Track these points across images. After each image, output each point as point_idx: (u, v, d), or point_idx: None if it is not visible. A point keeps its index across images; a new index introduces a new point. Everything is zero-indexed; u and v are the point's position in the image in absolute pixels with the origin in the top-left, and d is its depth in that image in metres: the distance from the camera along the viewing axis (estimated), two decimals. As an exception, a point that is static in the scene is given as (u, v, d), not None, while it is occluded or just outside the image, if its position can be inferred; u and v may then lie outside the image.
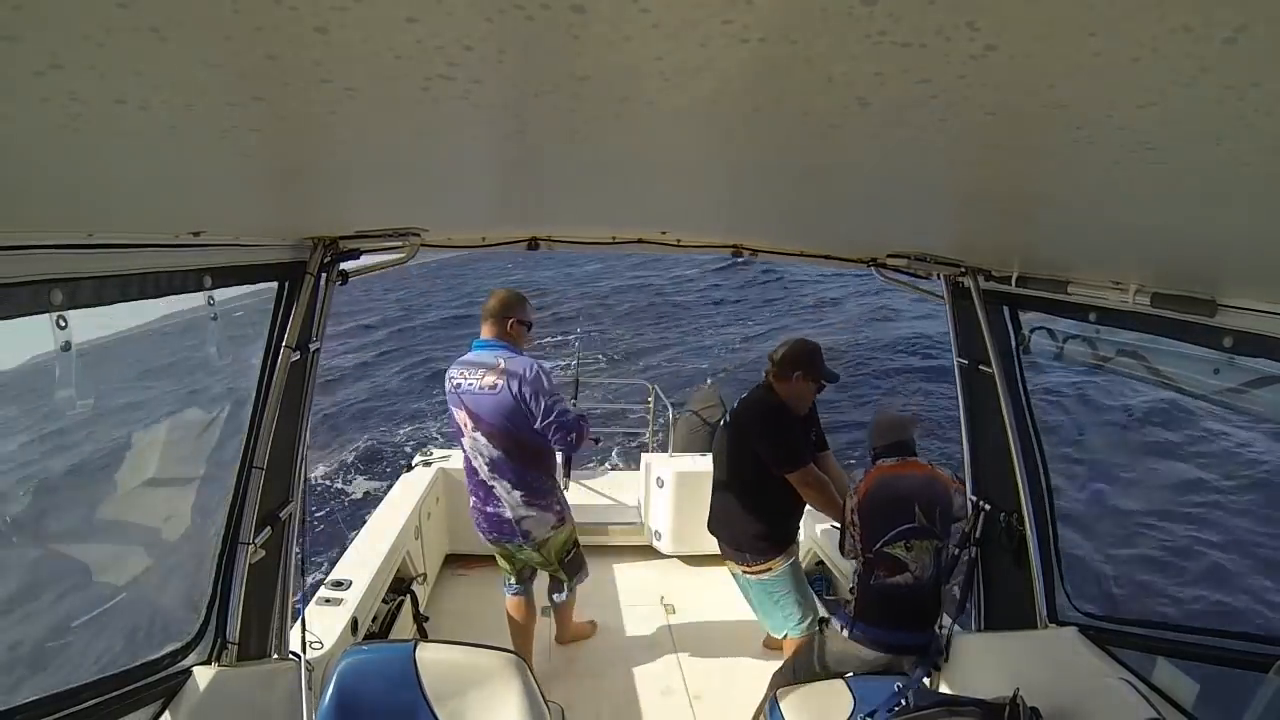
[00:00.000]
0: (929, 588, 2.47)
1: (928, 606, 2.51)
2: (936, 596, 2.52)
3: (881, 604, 2.52)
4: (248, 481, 2.01)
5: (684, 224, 2.35)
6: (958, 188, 1.08)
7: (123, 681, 1.68)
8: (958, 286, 2.56)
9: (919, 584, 2.46)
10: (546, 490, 3.01)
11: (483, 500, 2.98)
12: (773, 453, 2.78)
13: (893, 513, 2.50)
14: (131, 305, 1.44)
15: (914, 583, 2.46)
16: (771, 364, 2.92)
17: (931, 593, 2.49)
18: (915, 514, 2.46)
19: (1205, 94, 0.48)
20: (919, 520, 2.45)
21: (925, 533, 2.45)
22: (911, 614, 2.50)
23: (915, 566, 2.45)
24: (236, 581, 1.97)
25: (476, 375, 2.80)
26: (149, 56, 0.48)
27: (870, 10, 0.40)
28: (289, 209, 1.56)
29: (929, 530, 2.45)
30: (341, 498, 8.11)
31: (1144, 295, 1.65)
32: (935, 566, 2.47)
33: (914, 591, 2.46)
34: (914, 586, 2.46)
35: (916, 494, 2.48)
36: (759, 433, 2.82)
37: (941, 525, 2.48)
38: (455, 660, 1.92)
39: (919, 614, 2.50)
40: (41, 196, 0.99)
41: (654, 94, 0.60)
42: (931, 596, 2.49)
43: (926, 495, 2.48)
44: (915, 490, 2.50)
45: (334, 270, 2.17)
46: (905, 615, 2.50)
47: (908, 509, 2.47)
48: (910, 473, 2.55)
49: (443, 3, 0.41)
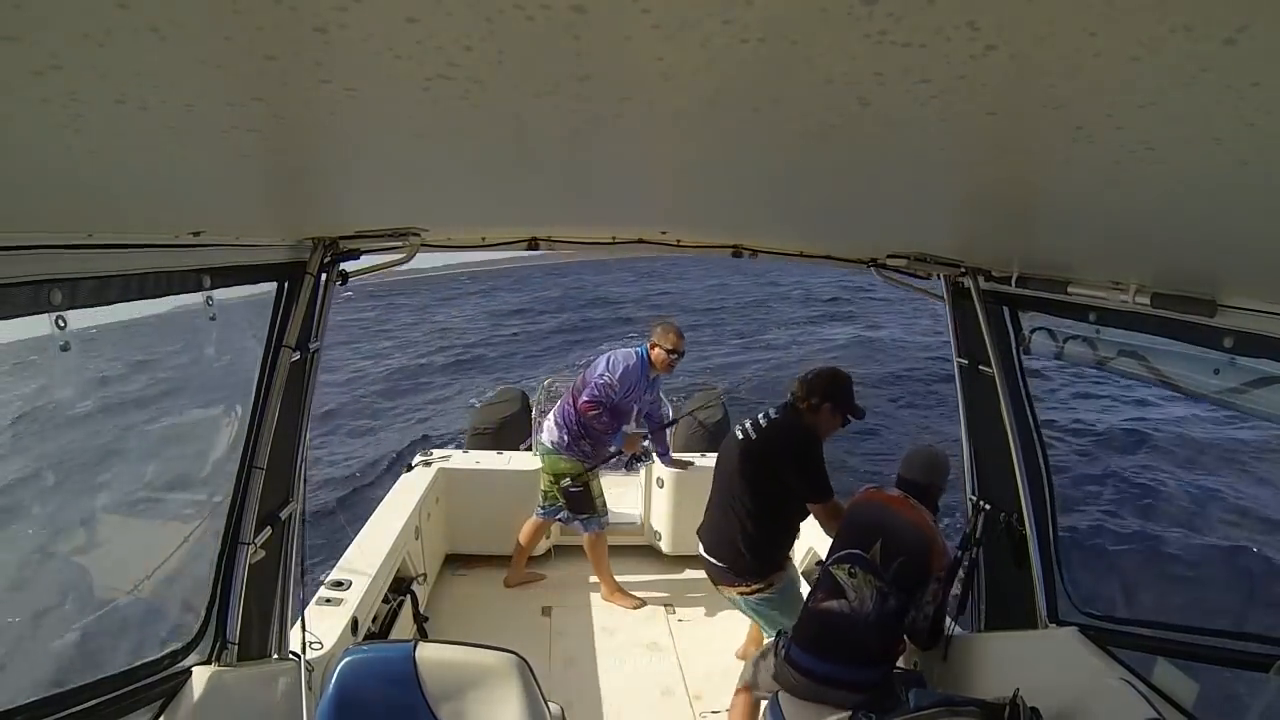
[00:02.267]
0: (866, 625, 2.34)
1: (867, 645, 2.35)
2: (882, 640, 2.37)
3: (815, 628, 2.42)
4: (248, 481, 2.01)
5: (684, 224, 2.35)
6: (958, 188, 1.08)
7: (123, 681, 1.68)
8: (957, 287, 2.56)
9: (854, 616, 2.34)
10: (576, 436, 3.93)
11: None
12: (807, 483, 2.75)
13: (855, 535, 2.45)
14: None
15: (849, 612, 2.35)
16: (801, 391, 2.83)
17: (872, 632, 2.34)
18: (874, 548, 2.38)
19: (1205, 94, 0.48)
20: (873, 555, 2.37)
21: (871, 569, 2.36)
22: (845, 647, 2.35)
23: (853, 597, 2.36)
24: (237, 581, 1.97)
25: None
26: (149, 56, 0.48)
27: (870, 10, 0.40)
28: (289, 209, 1.56)
29: (876, 569, 2.35)
30: (341, 498, 8.10)
31: (1144, 295, 1.65)
32: (877, 609, 2.33)
33: (848, 622, 2.34)
34: (848, 617, 2.35)
35: (888, 532, 2.39)
36: (794, 462, 2.76)
37: (893, 575, 2.35)
38: (455, 660, 1.92)
39: (853, 648, 2.35)
40: (41, 196, 0.99)
41: (654, 94, 0.60)
42: (873, 636, 2.35)
43: (898, 541, 2.37)
44: (890, 529, 2.40)
45: (334, 270, 2.17)
46: (838, 647, 2.35)
47: (870, 539, 2.40)
48: (898, 511, 2.44)
49: (443, 3, 0.41)
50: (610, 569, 4.13)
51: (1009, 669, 2.22)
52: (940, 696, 2.07)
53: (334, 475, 8.87)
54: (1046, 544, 2.33)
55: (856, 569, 2.39)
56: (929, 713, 1.89)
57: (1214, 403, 1.84)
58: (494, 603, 4.05)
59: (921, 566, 2.38)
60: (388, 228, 2.05)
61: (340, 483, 8.65)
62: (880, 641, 2.36)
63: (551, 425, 3.96)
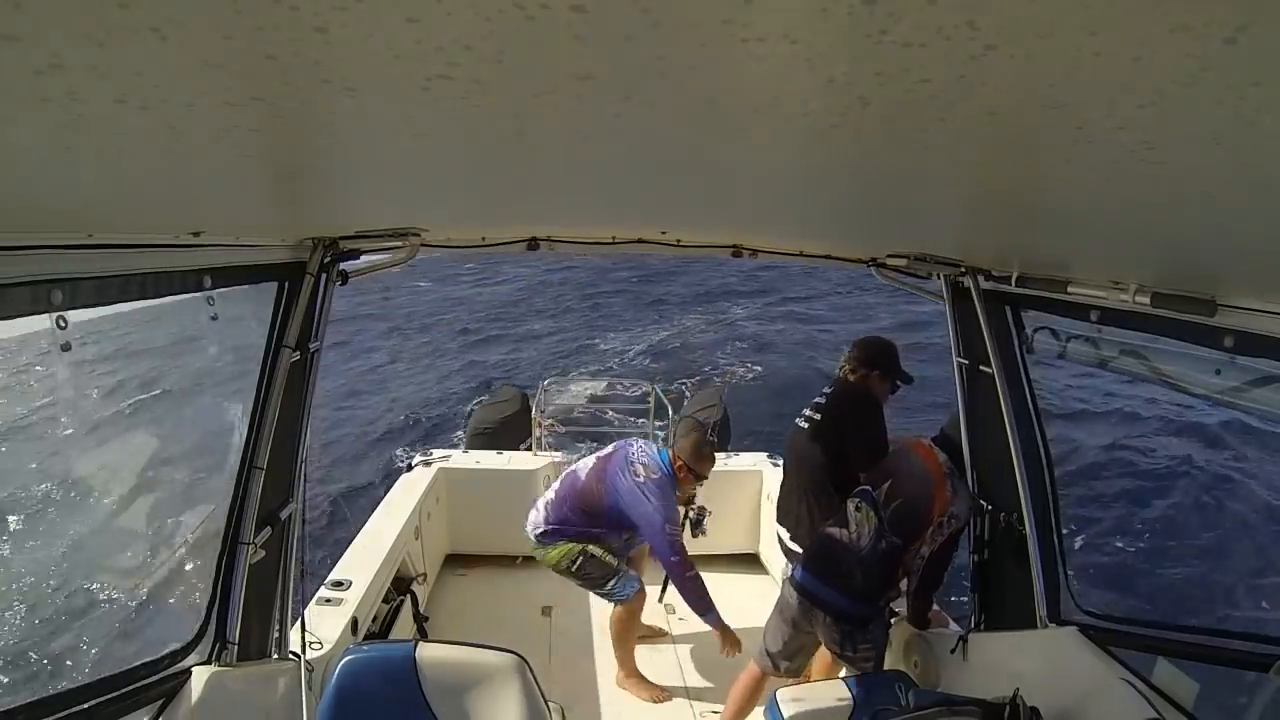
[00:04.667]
0: (858, 559, 2.42)
1: (855, 578, 2.43)
2: (868, 578, 2.43)
3: (817, 551, 2.56)
4: (248, 481, 2.01)
5: (684, 224, 2.35)
6: (958, 187, 1.08)
7: (123, 681, 1.68)
8: (958, 286, 2.56)
9: (850, 548, 2.44)
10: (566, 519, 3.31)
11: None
12: (863, 443, 2.72)
13: (877, 474, 2.53)
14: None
15: (847, 543, 2.45)
16: (849, 364, 2.87)
17: (863, 567, 2.42)
18: (882, 487, 2.46)
19: (1205, 94, 0.48)
20: (880, 494, 2.45)
21: (875, 506, 2.45)
22: (838, 575, 2.47)
23: (854, 529, 2.46)
24: (237, 581, 1.98)
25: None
26: (149, 56, 0.48)
27: (870, 10, 0.40)
28: (289, 209, 1.56)
29: (879, 508, 2.44)
30: (342, 498, 8.10)
31: (1144, 295, 1.65)
32: (871, 545, 2.41)
33: (844, 552, 2.45)
34: (846, 547, 2.44)
35: (900, 475, 2.47)
36: (858, 425, 2.74)
37: (891, 515, 2.42)
38: (455, 660, 1.92)
39: (844, 578, 2.45)
40: (42, 196, 0.99)
41: (654, 94, 0.60)
42: (861, 571, 2.43)
43: (905, 483, 2.45)
44: (903, 472, 2.48)
45: (334, 270, 2.17)
46: (831, 573, 2.48)
47: (884, 478, 2.48)
48: (917, 457, 2.51)
49: (443, 3, 0.41)
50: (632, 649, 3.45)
51: (1009, 669, 2.22)
52: (940, 696, 2.07)
53: (335, 475, 8.87)
54: (1047, 544, 2.33)
55: (864, 504, 2.47)
56: (929, 713, 1.89)
57: (1216, 402, 1.84)
58: (494, 603, 4.04)
59: (919, 510, 2.41)
60: (388, 228, 2.05)
61: (341, 482, 8.65)
62: (866, 579, 2.43)
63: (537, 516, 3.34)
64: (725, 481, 4.32)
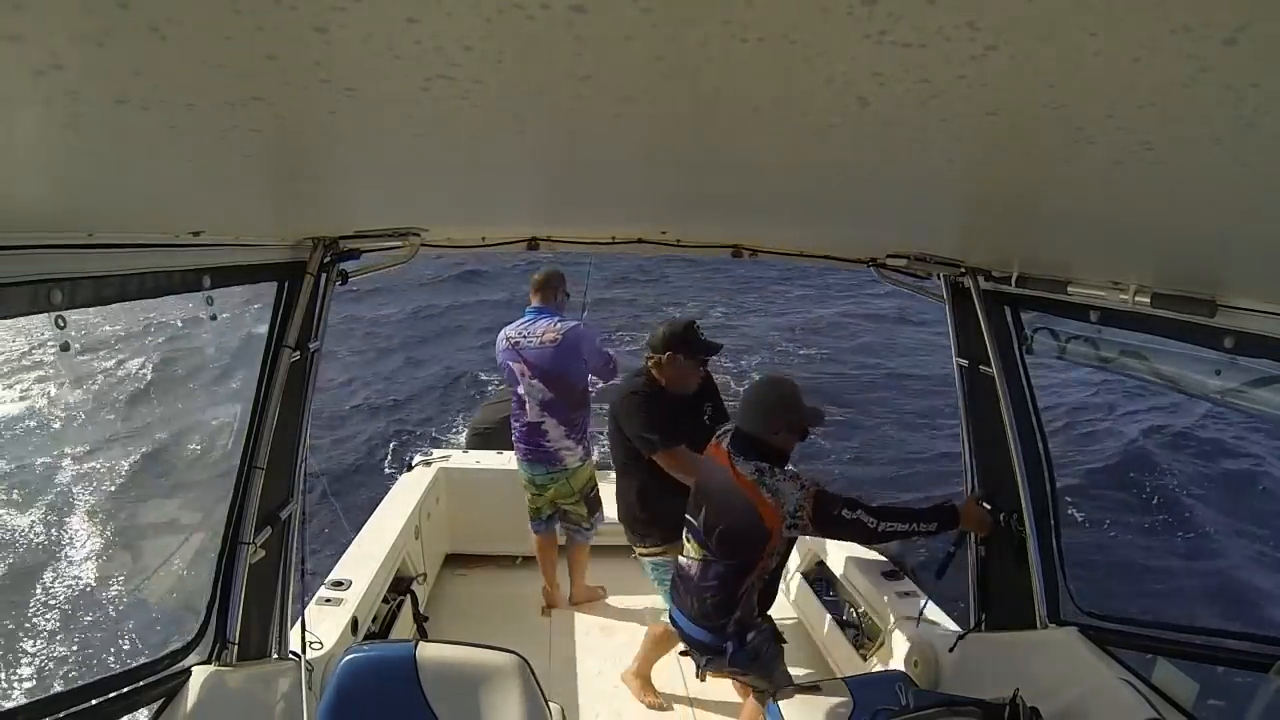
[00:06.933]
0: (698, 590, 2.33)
1: (696, 607, 2.36)
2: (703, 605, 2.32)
3: (675, 579, 2.51)
4: (248, 481, 2.01)
5: (684, 224, 2.35)
6: (958, 188, 1.08)
7: (123, 681, 1.68)
8: (957, 287, 2.56)
9: (689, 578, 2.36)
10: (583, 430, 3.65)
11: (528, 435, 3.60)
12: (636, 436, 2.79)
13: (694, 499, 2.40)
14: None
15: (685, 572, 2.39)
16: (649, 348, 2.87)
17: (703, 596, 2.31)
18: (700, 515, 2.32)
19: (1205, 94, 0.48)
20: (701, 523, 2.31)
21: (698, 537, 2.34)
22: (687, 601, 2.40)
23: (688, 563, 2.40)
24: (236, 581, 1.98)
25: (536, 333, 3.48)
26: (149, 56, 0.48)
27: (870, 10, 0.40)
28: (289, 209, 1.56)
29: (701, 538, 2.31)
30: (342, 498, 8.10)
31: (1144, 295, 1.65)
32: (700, 576, 2.32)
33: (687, 581, 2.38)
34: (687, 577, 2.38)
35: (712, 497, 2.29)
36: (625, 418, 2.83)
37: (715, 543, 2.26)
38: (455, 660, 1.92)
39: (692, 606, 2.38)
40: (42, 196, 0.99)
41: (654, 94, 0.60)
42: (702, 600, 2.32)
43: (719, 507, 2.26)
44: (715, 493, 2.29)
45: (334, 270, 2.17)
46: (682, 598, 2.44)
47: (700, 504, 2.34)
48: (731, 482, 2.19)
49: (443, 3, 0.41)
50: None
51: (1009, 669, 2.22)
52: (940, 696, 2.07)
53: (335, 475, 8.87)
54: (1047, 544, 2.33)
55: (691, 537, 2.39)
56: (929, 713, 1.89)
57: (1216, 403, 1.84)
58: (494, 603, 4.04)
59: (746, 530, 2.20)
60: (388, 228, 2.05)
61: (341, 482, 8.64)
62: (701, 606, 2.35)
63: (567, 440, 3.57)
64: None
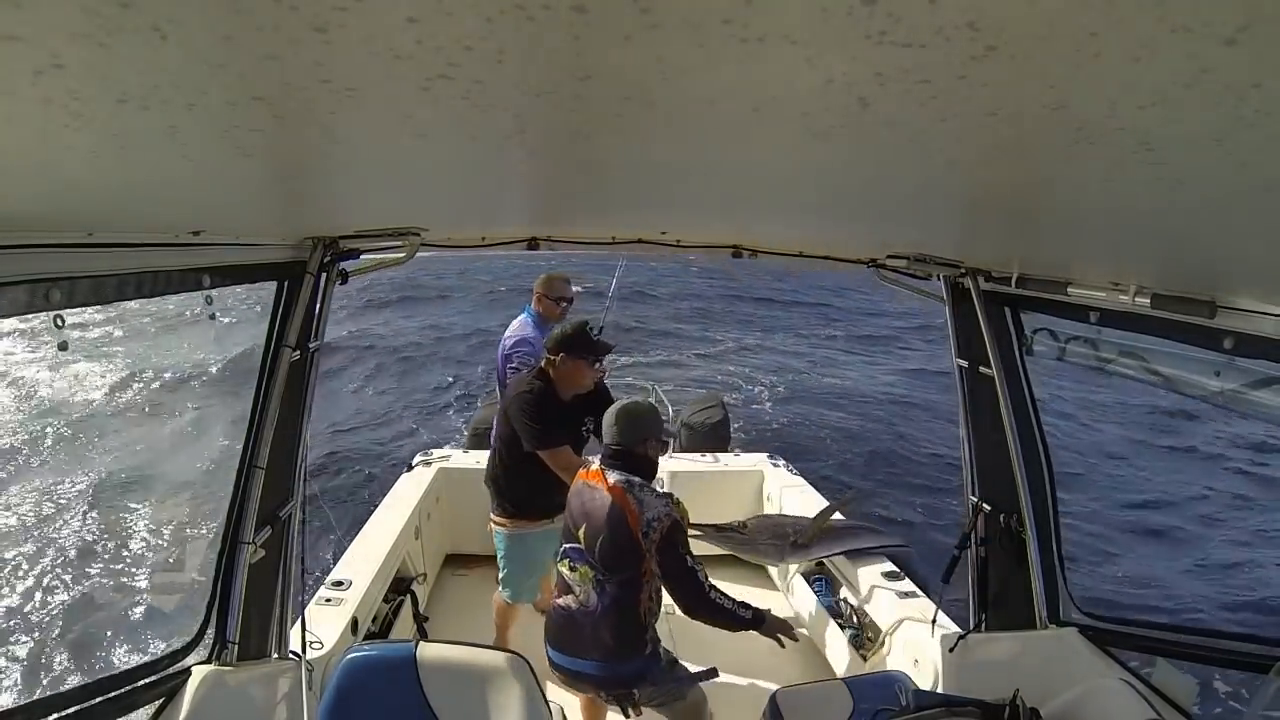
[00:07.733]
0: (597, 620, 2.25)
1: (610, 639, 2.26)
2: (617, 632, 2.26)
3: (556, 627, 2.37)
4: (248, 481, 2.01)
5: (684, 224, 2.35)
6: (958, 188, 1.08)
7: (123, 681, 1.68)
8: (957, 287, 2.56)
9: (585, 612, 2.27)
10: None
11: None
12: (524, 432, 2.89)
13: (570, 524, 2.37)
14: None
15: (578, 609, 2.28)
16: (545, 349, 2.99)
17: (609, 623, 2.25)
18: (579, 534, 2.29)
19: (1205, 94, 0.48)
20: (583, 544, 2.28)
21: (584, 559, 2.28)
22: (589, 643, 2.28)
23: (579, 591, 2.29)
24: (237, 581, 1.98)
25: (508, 344, 3.54)
26: (150, 56, 0.48)
27: (870, 10, 0.40)
28: (289, 209, 1.56)
29: (588, 559, 2.27)
30: (342, 498, 8.10)
31: (1144, 296, 1.65)
32: (599, 602, 2.25)
33: (586, 619, 2.27)
34: (581, 614, 2.28)
35: (589, 514, 2.28)
36: (514, 414, 2.93)
37: (599, 559, 2.23)
38: (455, 660, 1.92)
39: (598, 644, 2.27)
40: (41, 195, 0.99)
41: (654, 94, 0.60)
42: (611, 628, 2.25)
43: (597, 520, 2.25)
44: (590, 510, 2.28)
45: (334, 270, 2.17)
46: (580, 644, 2.30)
47: (577, 526, 2.32)
48: (601, 493, 2.26)
49: (443, 3, 0.41)
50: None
51: (1009, 669, 2.22)
52: (940, 697, 2.07)
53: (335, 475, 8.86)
54: (1047, 545, 2.33)
55: (575, 563, 2.33)
56: (929, 713, 1.89)
57: (1216, 404, 1.84)
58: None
59: (622, 537, 2.22)
60: (388, 227, 2.05)
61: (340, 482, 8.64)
62: (614, 634, 2.26)
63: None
64: (725, 481, 4.32)
